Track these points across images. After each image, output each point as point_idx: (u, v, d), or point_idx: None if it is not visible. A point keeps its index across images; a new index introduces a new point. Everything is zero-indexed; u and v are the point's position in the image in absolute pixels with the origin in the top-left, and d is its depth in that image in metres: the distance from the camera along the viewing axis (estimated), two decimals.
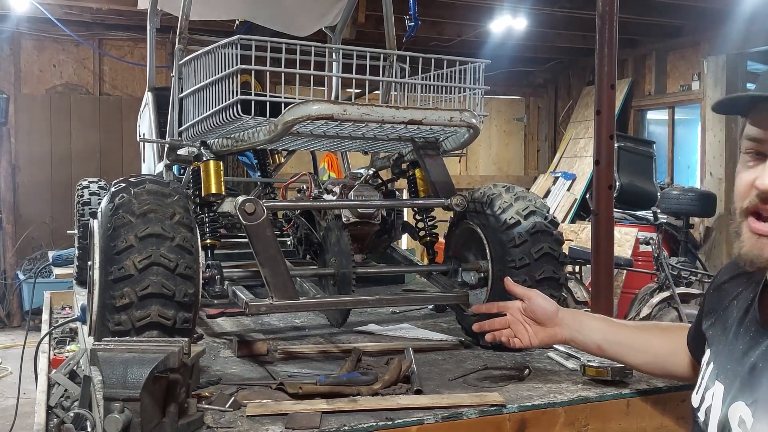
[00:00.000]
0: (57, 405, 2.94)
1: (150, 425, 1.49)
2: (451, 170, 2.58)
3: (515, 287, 1.94)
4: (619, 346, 1.78)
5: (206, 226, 2.39)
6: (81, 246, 3.67)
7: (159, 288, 1.83)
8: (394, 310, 3.04)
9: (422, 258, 3.02)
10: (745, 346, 1.28)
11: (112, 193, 2.01)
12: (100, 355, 1.53)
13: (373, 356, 2.25)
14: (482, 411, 1.76)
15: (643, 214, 8.25)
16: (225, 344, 2.45)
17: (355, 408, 1.73)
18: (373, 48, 2.33)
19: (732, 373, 1.28)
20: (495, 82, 9.85)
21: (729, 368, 1.29)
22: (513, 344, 1.88)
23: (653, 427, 1.93)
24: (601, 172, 3.77)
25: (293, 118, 2.10)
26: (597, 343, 1.80)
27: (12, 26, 8.36)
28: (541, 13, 8.34)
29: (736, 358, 1.28)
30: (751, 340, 1.27)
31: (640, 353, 1.76)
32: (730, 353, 1.31)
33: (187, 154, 2.67)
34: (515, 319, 1.89)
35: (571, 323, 1.83)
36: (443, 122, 2.25)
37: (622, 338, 1.77)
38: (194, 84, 2.43)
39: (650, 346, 1.75)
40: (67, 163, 8.68)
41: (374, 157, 3.05)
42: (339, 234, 2.48)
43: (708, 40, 8.93)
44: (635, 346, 1.76)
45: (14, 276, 8.44)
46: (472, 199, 2.43)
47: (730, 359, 1.30)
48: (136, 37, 8.73)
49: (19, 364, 3.80)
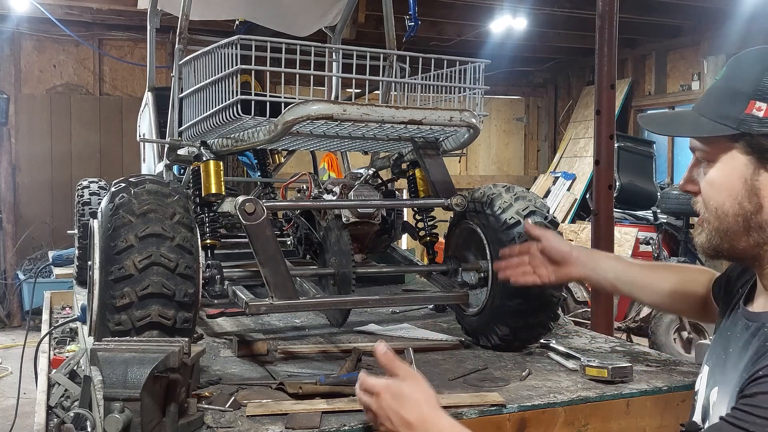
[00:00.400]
0: (57, 405, 2.94)
1: (150, 425, 1.49)
2: (451, 170, 2.58)
3: (532, 228, 2.05)
4: (632, 285, 1.88)
5: (206, 226, 2.39)
6: (81, 246, 3.68)
7: (159, 288, 1.83)
8: (394, 310, 3.04)
9: (422, 258, 3.02)
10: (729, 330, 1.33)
11: (112, 193, 2.01)
12: (100, 355, 1.53)
13: (373, 356, 2.25)
14: (482, 411, 1.76)
15: (643, 214, 8.24)
16: (225, 344, 2.45)
17: (355, 408, 1.73)
18: (373, 48, 2.33)
19: (715, 356, 1.33)
20: (495, 82, 9.86)
21: (715, 351, 1.35)
22: (532, 281, 2.01)
23: (653, 427, 1.93)
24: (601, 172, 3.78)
25: (293, 118, 2.10)
26: (610, 281, 1.90)
27: (12, 26, 8.36)
28: (541, 13, 8.34)
29: (721, 343, 1.34)
30: (731, 324, 1.34)
31: (651, 292, 1.85)
32: (719, 336, 1.37)
33: (187, 154, 2.67)
34: (534, 259, 2.01)
35: (586, 262, 1.93)
36: (443, 122, 2.25)
37: (635, 277, 1.87)
38: (194, 84, 2.43)
39: (661, 286, 1.83)
40: (67, 163, 8.68)
41: (374, 157, 3.05)
42: (339, 234, 2.48)
43: (708, 40, 8.93)
44: (646, 285, 1.85)
45: (14, 276, 8.44)
46: (472, 199, 2.43)
47: (718, 342, 1.35)
48: (136, 37, 8.73)
49: (19, 364, 3.80)
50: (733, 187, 1.22)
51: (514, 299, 2.26)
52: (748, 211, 1.21)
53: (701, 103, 1.28)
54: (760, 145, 1.18)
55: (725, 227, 1.24)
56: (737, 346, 1.26)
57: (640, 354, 2.37)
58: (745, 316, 1.29)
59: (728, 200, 1.23)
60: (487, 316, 2.36)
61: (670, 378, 2.06)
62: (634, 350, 2.45)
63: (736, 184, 1.21)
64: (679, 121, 1.36)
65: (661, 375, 2.09)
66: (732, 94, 1.21)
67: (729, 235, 1.24)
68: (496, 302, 2.31)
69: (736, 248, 1.26)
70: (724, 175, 1.23)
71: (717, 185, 1.25)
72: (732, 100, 1.21)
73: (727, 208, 1.23)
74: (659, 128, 1.37)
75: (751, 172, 1.20)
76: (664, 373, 2.11)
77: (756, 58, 1.23)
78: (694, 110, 1.28)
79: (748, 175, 1.20)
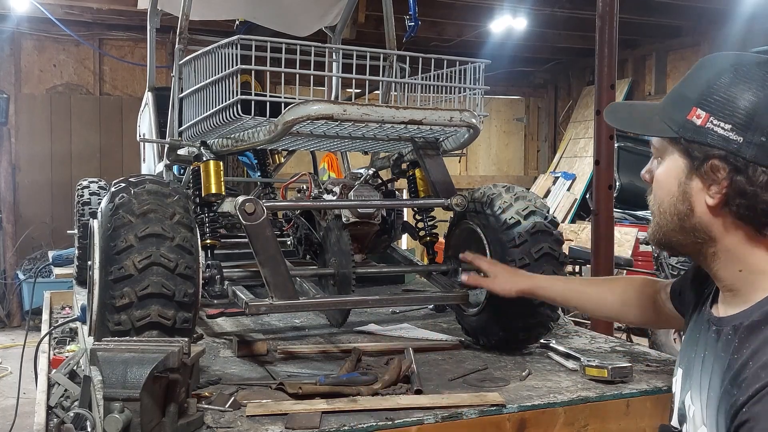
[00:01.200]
0: (57, 405, 2.93)
1: (150, 425, 1.49)
2: (451, 170, 2.58)
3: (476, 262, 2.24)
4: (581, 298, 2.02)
5: (206, 226, 2.39)
6: (81, 246, 3.67)
7: (159, 288, 1.83)
8: (394, 310, 3.04)
9: (422, 258, 3.01)
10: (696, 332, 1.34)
11: (112, 193, 2.01)
12: (100, 355, 1.53)
13: (373, 356, 2.25)
14: (482, 411, 1.76)
15: (643, 214, 8.24)
16: (225, 344, 2.45)
17: (355, 408, 1.73)
18: (373, 48, 2.33)
19: (687, 360, 1.35)
20: (495, 82, 9.85)
21: (686, 354, 1.36)
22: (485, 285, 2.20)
23: (653, 427, 1.93)
24: (601, 172, 3.78)
25: (293, 118, 2.10)
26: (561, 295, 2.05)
27: (12, 26, 8.36)
28: (541, 13, 8.34)
29: (691, 344, 1.35)
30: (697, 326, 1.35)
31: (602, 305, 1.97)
32: (688, 338, 1.38)
33: (187, 154, 2.67)
34: None
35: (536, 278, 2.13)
36: (443, 122, 2.25)
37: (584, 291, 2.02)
38: (194, 84, 2.43)
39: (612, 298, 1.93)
40: (67, 163, 8.68)
41: (374, 157, 3.05)
42: (339, 234, 2.48)
43: (708, 40, 8.93)
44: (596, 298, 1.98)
45: (14, 276, 8.44)
46: (472, 199, 2.43)
47: (688, 344, 1.37)
48: (136, 37, 8.73)
49: (19, 364, 3.80)
50: (671, 188, 1.25)
51: (514, 299, 2.26)
52: (682, 212, 1.24)
53: (662, 101, 1.30)
54: (693, 152, 1.20)
55: (664, 223, 1.28)
56: (705, 349, 1.27)
57: (640, 354, 2.37)
58: (710, 320, 1.29)
59: (666, 198, 1.26)
60: (487, 316, 2.36)
61: (670, 378, 2.05)
62: (634, 350, 2.45)
63: (673, 184, 1.24)
64: (634, 117, 1.38)
65: (661, 375, 2.09)
66: (681, 97, 1.23)
67: (668, 232, 1.28)
68: (496, 302, 2.30)
69: (676, 243, 1.29)
70: (665, 174, 1.27)
71: (660, 182, 1.28)
72: (680, 103, 1.23)
73: (666, 206, 1.27)
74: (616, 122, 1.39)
75: (684, 176, 1.22)
76: (664, 373, 2.11)
77: (710, 64, 1.23)
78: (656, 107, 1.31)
79: (682, 179, 1.23)
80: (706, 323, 1.31)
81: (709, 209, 1.21)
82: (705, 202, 1.20)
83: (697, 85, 1.21)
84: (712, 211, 1.20)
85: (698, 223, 1.23)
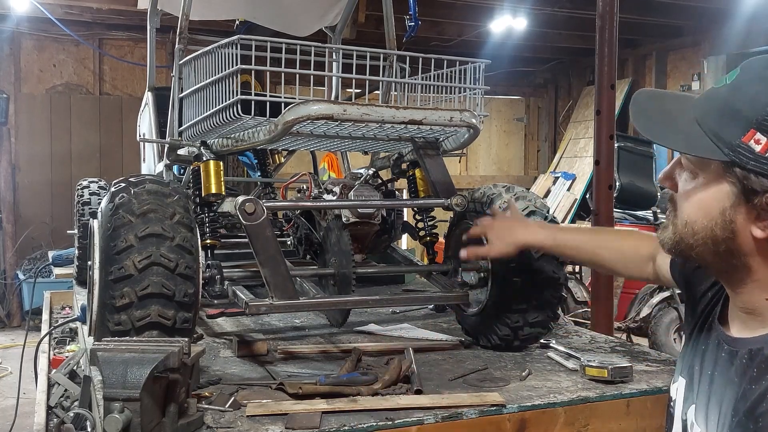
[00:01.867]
0: (57, 405, 2.93)
1: (150, 425, 1.49)
2: (451, 170, 2.58)
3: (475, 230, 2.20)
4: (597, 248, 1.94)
5: (206, 226, 2.39)
6: (81, 246, 3.67)
7: (159, 288, 1.83)
8: (394, 310, 3.03)
9: (422, 258, 3.01)
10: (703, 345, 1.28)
11: (112, 193, 2.01)
12: (100, 355, 1.53)
13: (373, 356, 2.25)
14: (482, 411, 1.76)
15: (643, 214, 8.23)
16: (225, 344, 2.45)
17: (355, 408, 1.73)
18: (373, 48, 2.33)
19: (691, 370, 1.28)
20: (495, 82, 9.85)
21: (690, 364, 1.30)
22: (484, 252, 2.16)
23: (653, 427, 1.93)
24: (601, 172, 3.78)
25: (293, 118, 2.10)
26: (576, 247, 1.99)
27: (12, 26, 8.35)
28: (541, 13, 8.34)
29: (696, 357, 1.28)
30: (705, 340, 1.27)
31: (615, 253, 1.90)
32: (692, 349, 1.31)
33: (187, 154, 2.67)
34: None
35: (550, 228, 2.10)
36: (443, 122, 2.25)
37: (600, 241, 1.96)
38: (194, 84, 2.43)
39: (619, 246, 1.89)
40: (67, 163, 8.68)
41: (374, 157, 3.05)
42: (339, 234, 2.48)
43: (708, 40, 8.93)
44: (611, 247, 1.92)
45: (14, 276, 8.44)
46: (472, 199, 2.43)
47: (693, 355, 1.30)
48: (136, 37, 8.73)
49: (19, 364, 3.80)
50: (710, 212, 1.12)
51: (514, 299, 2.26)
52: (719, 237, 1.12)
53: (701, 105, 1.16)
54: (748, 182, 1.06)
55: (692, 242, 1.16)
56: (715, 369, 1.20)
57: (640, 354, 2.37)
58: (721, 338, 1.22)
59: (701, 220, 1.14)
60: (487, 316, 2.36)
61: (670, 378, 2.05)
62: (634, 350, 2.45)
63: (714, 210, 1.12)
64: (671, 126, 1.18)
65: (661, 375, 2.09)
66: (733, 112, 1.07)
67: (693, 248, 1.17)
68: (496, 302, 2.30)
69: (700, 260, 1.19)
70: (703, 196, 1.13)
71: (694, 202, 1.15)
72: (731, 120, 1.07)
73: (698, 227, 1.14)
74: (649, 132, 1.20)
75: (731, 203, 1.10)
76: (664, 373, 2.11)
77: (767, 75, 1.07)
78: (693, 111, 1.16)
79: (728, 206, 1.10)
80: (715, 339, 1.23)
81: (755, 241, 1.10)
82: (751, 232, 1.09)
83: (754, 101, 1.06)
84: (757, 243, 1.10)
85: (736, 251, 1.12)
